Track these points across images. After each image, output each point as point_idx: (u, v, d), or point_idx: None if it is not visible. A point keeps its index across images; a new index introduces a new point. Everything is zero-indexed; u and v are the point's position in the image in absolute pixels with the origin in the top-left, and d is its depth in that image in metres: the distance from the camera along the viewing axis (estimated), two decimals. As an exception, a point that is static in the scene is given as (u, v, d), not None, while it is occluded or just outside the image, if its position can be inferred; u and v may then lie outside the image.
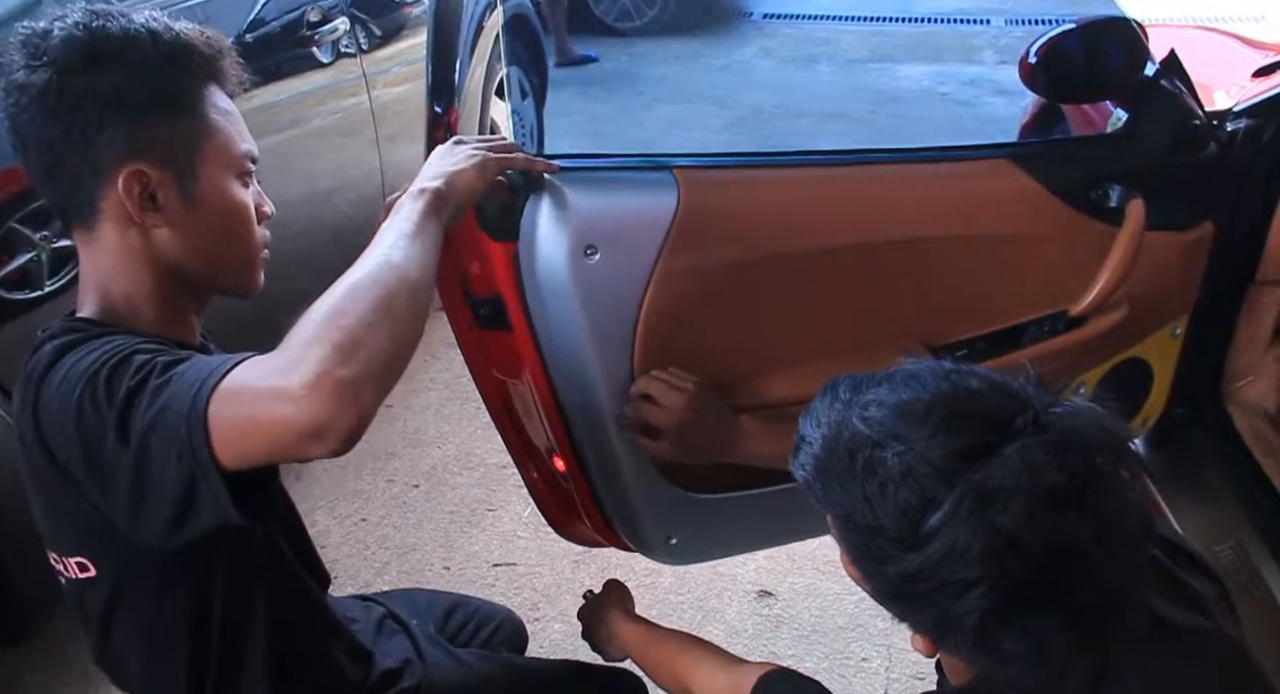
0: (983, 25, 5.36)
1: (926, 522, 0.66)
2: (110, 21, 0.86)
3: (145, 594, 0.90)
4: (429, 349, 2.78)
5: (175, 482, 0.74)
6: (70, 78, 0.84)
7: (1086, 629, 0.68)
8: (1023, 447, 0.66)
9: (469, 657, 1.19)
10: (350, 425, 0.70)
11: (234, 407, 0.72)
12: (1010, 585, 0.66)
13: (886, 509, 0.68)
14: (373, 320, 0.74)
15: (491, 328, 1.08)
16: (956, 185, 1.17)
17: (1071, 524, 0.65)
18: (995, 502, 0.65)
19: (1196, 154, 1.33)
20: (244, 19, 2.07)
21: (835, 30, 5.55)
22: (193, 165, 0.88)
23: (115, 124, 0.85)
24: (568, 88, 4.36)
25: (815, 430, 0.74)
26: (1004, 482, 0.65)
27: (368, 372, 0.71)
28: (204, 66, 0.90)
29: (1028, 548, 0.65)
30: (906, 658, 1.83)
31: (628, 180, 1.05)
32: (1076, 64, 1.25)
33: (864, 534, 0.70)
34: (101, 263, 0.89)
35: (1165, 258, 1.31)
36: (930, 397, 0.70)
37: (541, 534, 2.09)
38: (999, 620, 0.67)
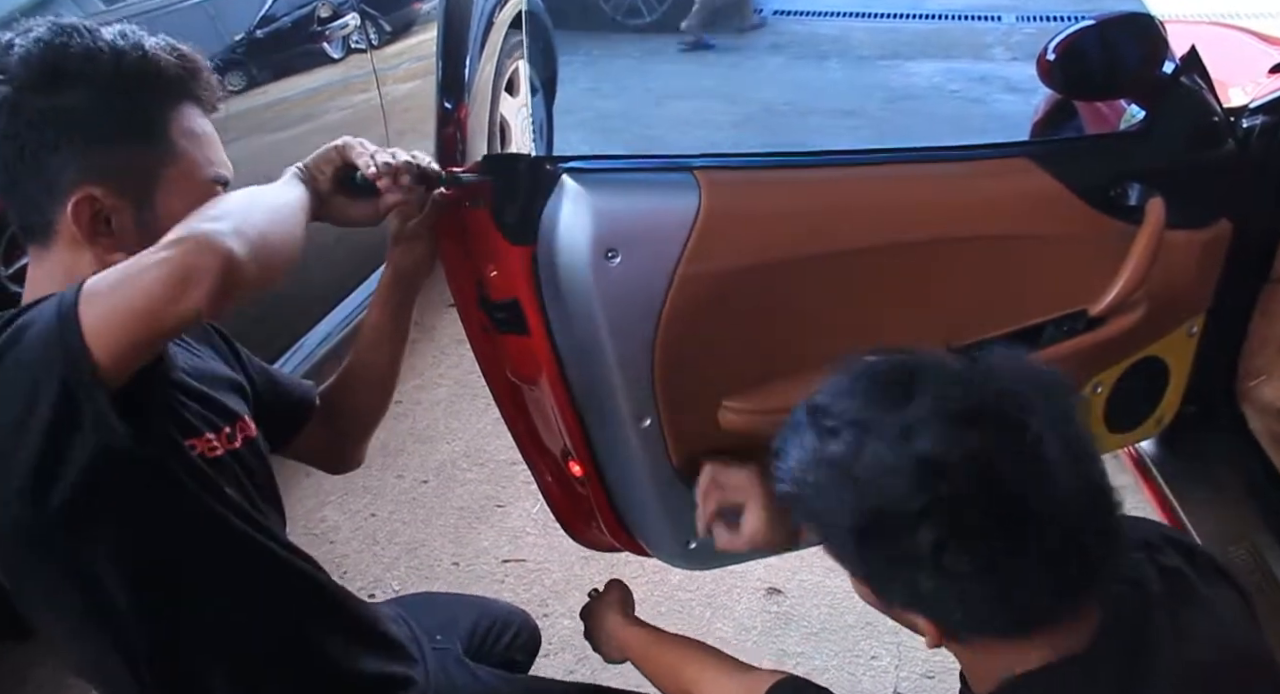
0: (994, 22, 5.33)
1: (854, 471, 0.72)
2: (73, 39, 0.83)
3: (49, 603, 0.88)
4: (438, 346, 2.78)
5: (48, 400, 0.71)
6: (27, 96, 0.82)
7: (1045, 552, 0.70)
8: (937, 385, 0.72)
9: (489, 677, 1.18)
10: (216, 266, 0.71)
11: (102, 289, 0.72)
12: (948, 510, 0.69)
13: (825, 473, 0.73)
14: (245, 202, 0.79)
15: (507, 332, 1.08)
16: (977, 184, 1.16)
17: (989, 439, 0.69)
18: (914, 432, 0.70)
19: (1215, 151, 1.32)
20: (255, 15, 2.07)
21: (845, 27, 5.52)
22: (150, 192, 0.86)
23: (70, 147, 0.83)
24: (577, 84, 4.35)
25: (783, 446, 0.80)
26: (919, 414, 0.70)
27: (234, 228, 0.74)
28: (172, 88, 0.87)
29: (952, 468, 0.68)
30: (916, 656, 1.82)
31: (648, 182, 1.04)
32: (1095, 60, 1.23)
33: (820, 511, 0.74)
34: (48, 280, 0.87)
35: (1183, 256, 1.30)
36: (857, 371, 0.77)
37: (550, 530, 2.09)
38: (951, 547, 0.69)
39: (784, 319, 1.09)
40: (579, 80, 4.47)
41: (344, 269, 2.29)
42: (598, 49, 5.05)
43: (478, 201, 1.04)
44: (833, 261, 1.09)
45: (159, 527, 0.86)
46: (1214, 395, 1.60)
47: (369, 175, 0.98)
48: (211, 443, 0.94)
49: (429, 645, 1.18)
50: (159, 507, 0.85)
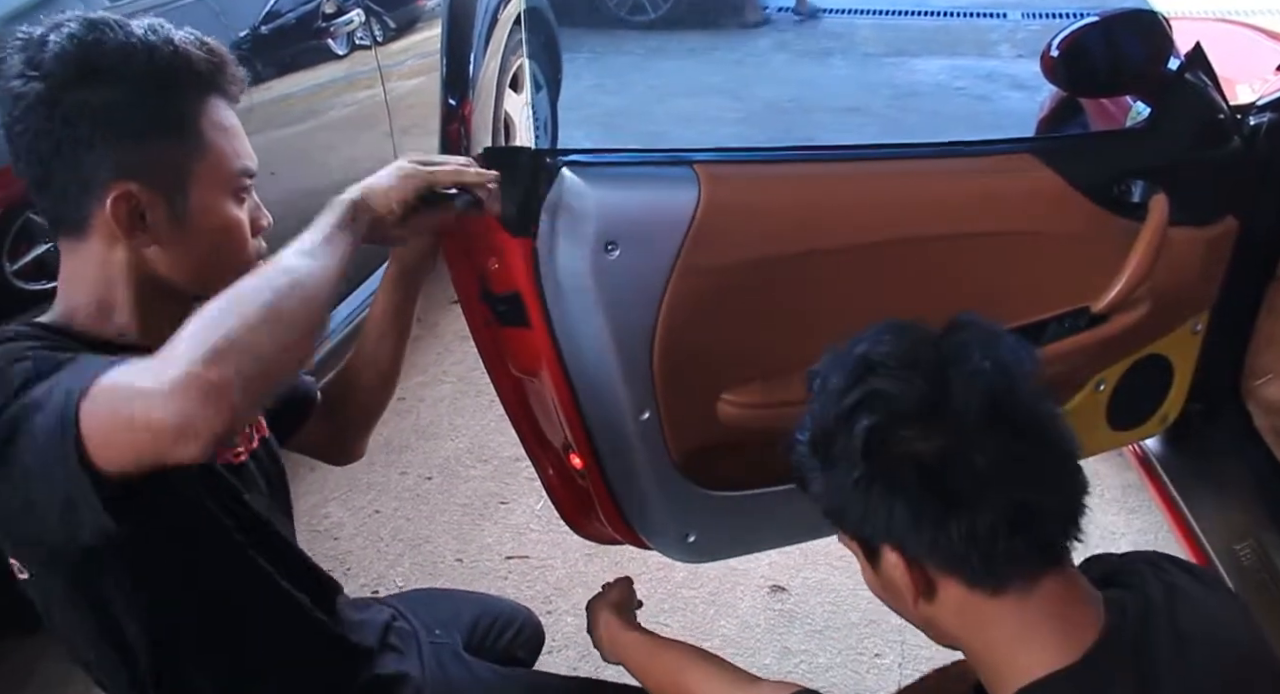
0: (999, 19, 5.32)
1: (814, 383, 0.81)
2: (106, 34, 0.84)
3: (74, 604, 0.89)
4: (442, 342, 2.78)
5: (57, 483, 0.73)
6: (63, 93, 0.82)
7: (981, 472, 0.73)
8: (909, 339, 0.79)
9: (486, 673, 1.18)
10: (216, 427, 0.69)
11: (103, 405, 0.71)
12: (882, 399, 0.75)
13: (835, 420, 0.78)
14: (253, 321, 0.72)
15: (509, 325, 1.08)
16: (980, 180, 1.16)
17: (921, 351, 0.77)
18: (859, 343, 0.79)
19: (1220, 149, 1.31)
20: (259, 11, 2.08)
21: (850, 24, 5.52)
22: (184, 186, 0.87)
23: (106, 143, 0.83)
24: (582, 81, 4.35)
25: (808, 410, 0.84)
26: (885, 352, 0.78)
27: (238, 372, 0.69)
28: (202, 82, 0.88)
29: (885, 362, 0.76)
30: (920, 654, 1.82)
31: (648, 175, 1.04)
32: (1100, 57, 1.23)
33: (798, 445, 0.82)
34: (82, 272, 0.88)
35: (1187, 254, 1.29)
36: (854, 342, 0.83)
37: (554, 527, 2.09)
38: (886, 443, 0.74)
39: (783, 313, 1.09)
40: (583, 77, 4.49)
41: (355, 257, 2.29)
42: (602, 46, 5.06)
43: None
44: (833, 256, 1.09)
45: (175, 550, 0.88)
46: (1219, 393, 1.60)
47: (475, 181, 0.98)
48: (238, 449, 0.96)
49: (427, 640, 1.18)
50: (177, 532, 0.87)
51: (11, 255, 1.49)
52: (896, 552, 0.77)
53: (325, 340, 2.17)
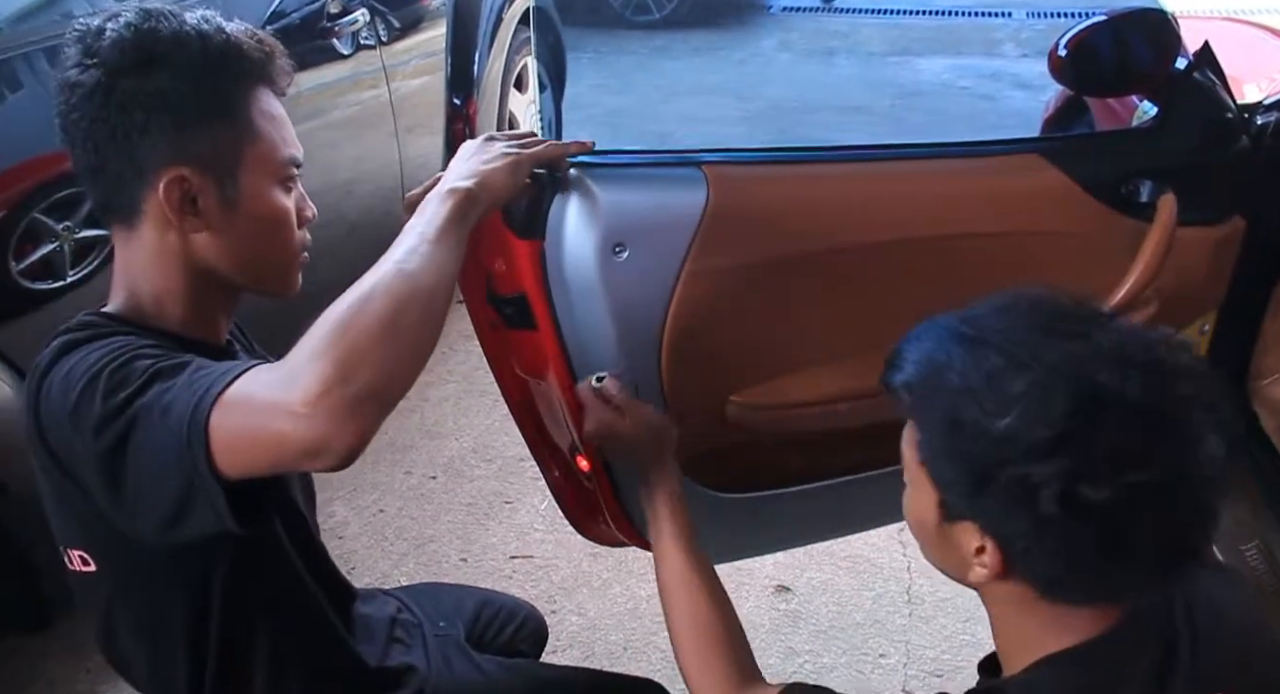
0: (1004, 18, 5.31)
1: (1015, 382, 0.70)
2: (162, 23, 0.85)
3: (143, 594, 0.91)
4: (447, 342, 2.78)
5: (174, 486, 0.74)
6: (118, 79, 0.84)
7: (1159, 520, 0.69)
8: (1117, 333, 0.72)
9: (490, 665, 1.18)
10: (350, 444, 0.70)
11: (234, 418, 0.72)
12: (1097, 442, 0.68)
13: (983, 384, 0.71)
14: (379, 334, 0.72)
15: (516, 327, 1.08)
16: (987, 180, 1.15)
17: (1160, 386, 0.69)
18: (1089, 362, 0.70)
19: (1228, 148, 1.31)
20: (264, 11, 2.08)
21: (854, 23, 5.51)
22: (234, 171, 0.88)
23: (160, 128, 0.85)
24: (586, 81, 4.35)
25: (916, 345, 0.79)
26: (1098, 351, 0.70)
27: (370, 389, 0.70)
28: (253, 70, 0.89)
29: (1117, 402, 0.68)
30: (924, 655, 1.82)
31: (656, 177, 1.04)
32: (1108, 56, 1.23)
33: (955, 417, 0.73)
34: (136, 260, 0.89)
35: (1195, 254, 1.29)
36: (1028, 303, 0.77)
37: (558, 527, 2.09)
38: (1087, 481, 0.68)
39: (791, 315, 1.09)
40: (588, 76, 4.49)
41: (355, 263, 2.30)
42: (607, 46, 5.06)
43: None
44: (841, 257, 1.08)
45: (252, 565, 0.91)
46: (1225, 394, 1.59)
47: (577, 149, 1.00)
48: None
49: (431, 632, 1.18)
50: (254, 548, 0.91)
51: (17, 255, 1.49)
52: (994, 544, 0.73)
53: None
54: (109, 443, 0.76)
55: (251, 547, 0.90)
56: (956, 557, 0.77)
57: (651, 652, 1.85)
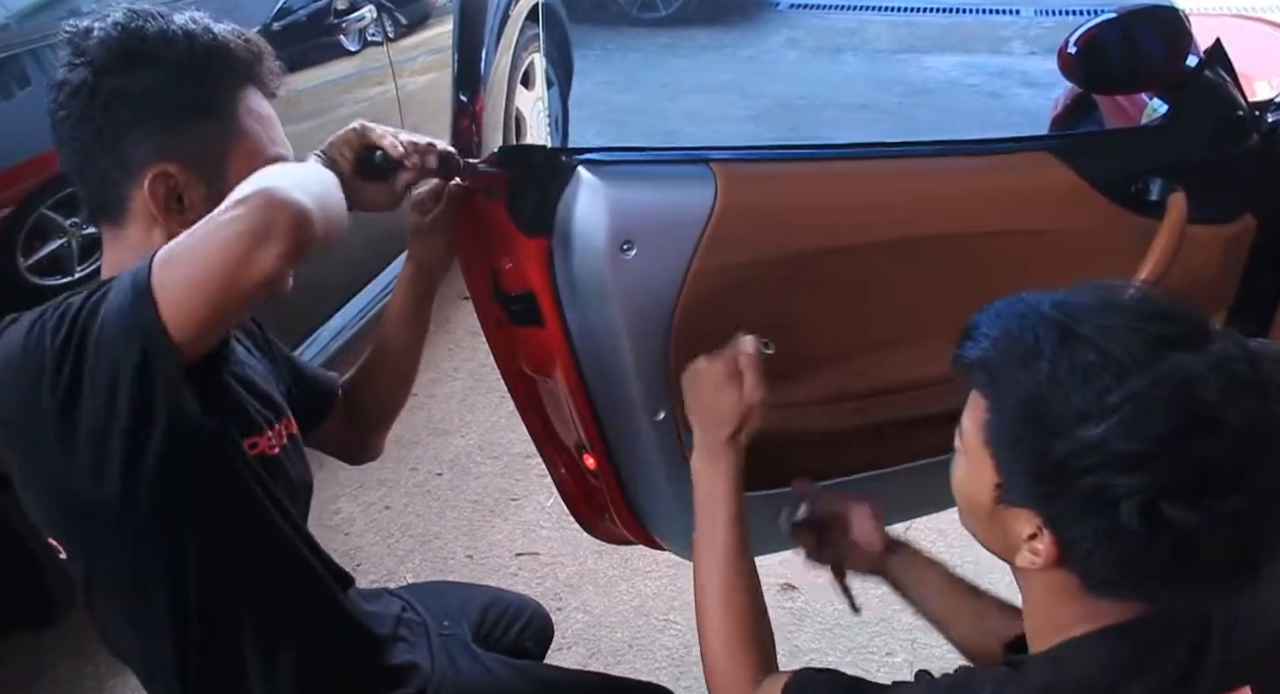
0: (1012, 16, 5.30)
1: (1114, 392, 0.67)
2: (149, 23, 0.86)
3: (117, 575, 0.90)
4: (453, 338, 2.78)
5: (128, 382, 0.74)
6: (105, 78, 0.85)
7: (1254, 533, 0.68)
8: (1222, 344, 0.68)
9: (496, 665, 1.17)
10: (289, 221, 0.73)
11: (176, 256, 0.75)
12: (1191, 463, 0.66)
13: (1075, 383, 0.68)
14: (290, 169, 0.84)
15: (523, 324, 1.08)
16: (996, 178, 1.15)
17: (1266, 411, 0.66)
18: (1193, 381, 0.66)
19: (1239, 146, 1.30)
20: (271, 7, 2.07)
21: (861, 20, 5.50)
22: (221, 169, 0.89)
23: (145, 126, 0.86)
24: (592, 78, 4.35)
25: (995, 320, 0.75)
26: (1203, 367, 0.67)
27: (296, 184, 0.76)
28: (240, 69, 0.90)
29: (1219, 425, 0.65)
30: (931, 653, 1.81)
31: (664, 174, 1.04)
32: (1118, 54, 1.22)
33: (1039, 410, 0.70)
34: (125, 259, 0.89)
35: (1205, 252, 1.28)
36: (1129, 299, 0.73)
37: (564, 524, 2.09)
38: (1171, 499, 0.66)
39: (799, 313, 1.09)
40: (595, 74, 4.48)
41: (359, 260, 2.30)
42: (613, 43, 5.06)
43: (494, 193, 1.04)
44: (849, 256, 1.08)
45: (227, 530, 0.89)
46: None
47: (394, 154, 0.98)
48: (270, 440, 0.97)
49: (436, 631, 1.18)
50: (228, 508, 0.89)
51: (25, 251, 1.49)
52: (1051, 538, 0.71)
53: (342, 332, 2.18)
54: (56, 365, 0.76)
55: (223, 508, 0.88)
56: (1003, 538, 0.75)
57: (657, 649, 1.85)
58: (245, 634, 0.94)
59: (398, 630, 1.14)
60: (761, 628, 0.95)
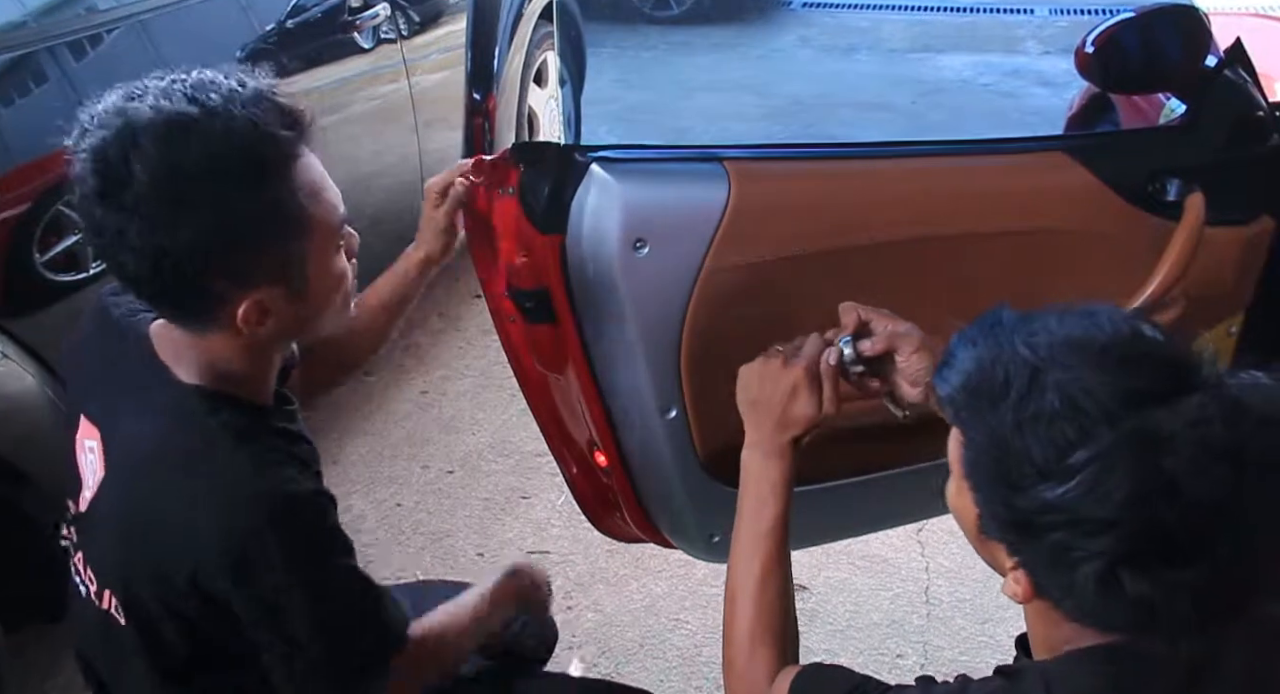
0: (1026, 15, 5.26)
1: (1076, 453, 0.64)
2: (189, 150, 0.79)
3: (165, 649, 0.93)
4: (464, 336, 2.78)
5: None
6: (168, 238, 0.80)
7: (1213, 597, 0.66)
8: (1199, 401, 0.64)
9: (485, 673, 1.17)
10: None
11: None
12: (1157, 533, 0.63)
13: (1037, 435, 0.66)
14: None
15: (536, 321, 1.08)
16: (1012, 178, 1.14)
17: (1236, 483, 0.63)
18: (1160, 445, 0.63)
19: (1258, 146, 1.29)
20: (286, 5, 2.08)
21: (875, 19, 5.47)
22: (301, 267, 0.87)
23: (223, 271, 0.83)
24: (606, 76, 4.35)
25: (969, 349, 0.72)
26: (1173, 429, 0.63)
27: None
28: (291, 153, 0.85)
29: (1184, 496, 0.62)
30: (942, 655, 1.81)
31: (678, 172, 1.03)
32: (1137, 53, 1.21)
33: (1003, 458, 0.68)
34: (205, 344, 0.89)
35: (1223, 254, 1.27)
36: (1107, 336, 0.68)
37: (575, 522, 2.09)
38: (1130, 566, 0.64)
39: (813, 312, 1.08)
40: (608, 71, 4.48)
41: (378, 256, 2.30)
42: (626, 41, 5.05)
43: (507, 190, 1.04)
44: (863, 254, 1.07)
45: None
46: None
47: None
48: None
49: None
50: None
51: (41, 247, 1.50)
52: (1025, 576, 0.70)
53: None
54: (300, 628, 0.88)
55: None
56: (992, 560, 0.76)
57: (667, 649, 1.85)
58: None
59: None
60: (788, 627, 0.95)
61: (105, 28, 1.70)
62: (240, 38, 1.96)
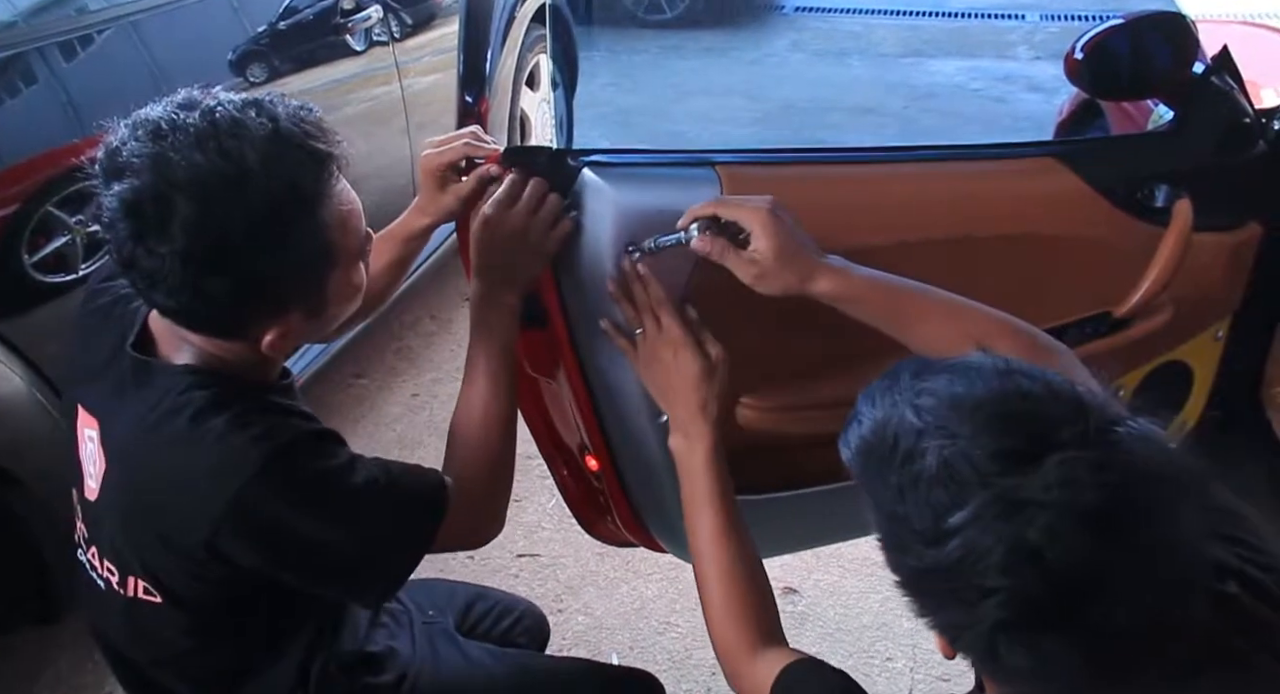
0: (1017, 20, 5.29)
1: (948, 520, 0.64)
2: (226, 190, 0.80)
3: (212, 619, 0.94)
4: (456, 339, 2.78)
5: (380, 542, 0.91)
6: (205, 279, 0.81)
7: (1103, 658, 0.64)
8: (1064, 459, 0.62)
9: (478, 652, 1.18)
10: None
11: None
12: (1025, 601, 0.62)
13: (915, 500, 0.66)
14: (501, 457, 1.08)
15: (527, 325, 1.08)
16: (1002, 183, 1.15)
17: (1099, 549, 0.62)
18: (1023, 512, 0.62)
19: (1245, 153, 1.30)
20: (278, 6, 2.08)
21: (867, 24, 5.49)
22: (324, 288, 0.88)
23: (259, 301, 0.85)
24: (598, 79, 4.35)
25: (870, 410, 0.72)
26: (1036, 493, 0.62)
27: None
28: (324, 178, 0.85)
29: (1049, 565, 0.61)
30: (932, 659, 1.81)
31: (669, 177, 1.04)
32: (1125, 60, 1.22)
33: (890, 521, 0.68)
34: (217, 349, 0.90)
35: (1211, 259, 1.28)
36: (983, 393, 0.67)
37: (566, 526, 2.09)
38: (1006, 634, 0.64)
39: (803, 317, 1.08)
40: (600, 75, 4.48)
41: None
42: (619, 44, 5.06)
43: None
44: (853, 258, 1.08)
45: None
46: (1238, 400, 1.58)
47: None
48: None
49: (420, 619, 1.19)
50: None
51: (30, 248, 1.50)
52: (938, 635, 0.70)
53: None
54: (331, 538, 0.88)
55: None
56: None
57: (658, 652, 1.85)
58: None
59: (378, 617, 1.15)
60: (758, 597, 0.95)
61: (96, 28, 1.69)
62: (232, 39, 1.95)
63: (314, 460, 0.87)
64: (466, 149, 1.04)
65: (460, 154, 1.04)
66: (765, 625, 0.93)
